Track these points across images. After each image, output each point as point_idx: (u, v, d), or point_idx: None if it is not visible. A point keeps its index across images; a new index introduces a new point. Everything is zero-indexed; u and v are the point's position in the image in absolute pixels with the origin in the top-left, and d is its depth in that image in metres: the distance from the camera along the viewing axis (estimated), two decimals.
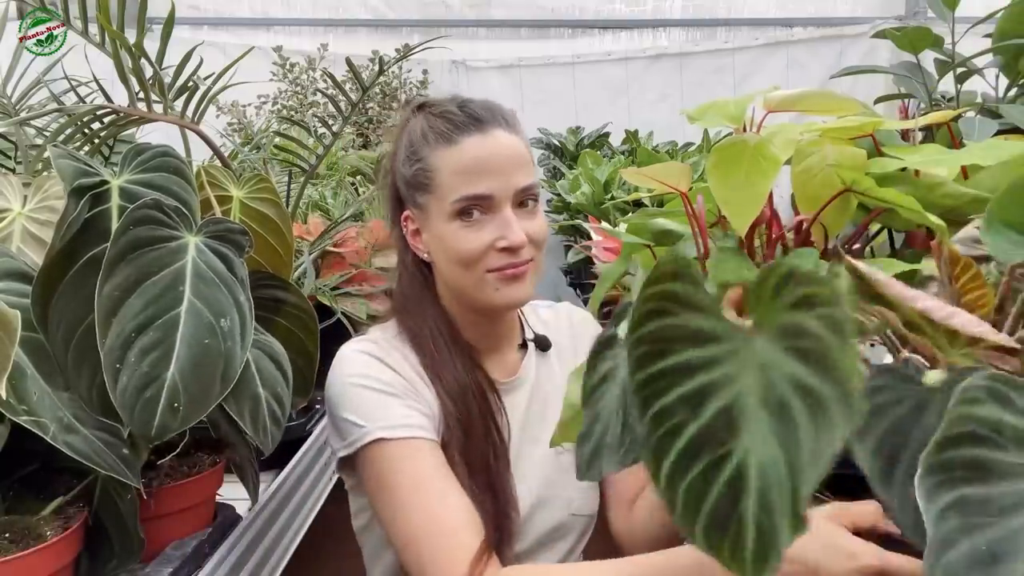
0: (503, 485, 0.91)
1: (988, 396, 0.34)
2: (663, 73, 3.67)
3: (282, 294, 0.96)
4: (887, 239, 1.13)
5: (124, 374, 0.69)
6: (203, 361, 0.72)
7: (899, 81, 1.49)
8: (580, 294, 2.44)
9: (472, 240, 0.89)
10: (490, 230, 0.90)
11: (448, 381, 0.91)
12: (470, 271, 0.91)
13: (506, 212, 0.89)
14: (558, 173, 3.01)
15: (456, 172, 0.90)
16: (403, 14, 3.60)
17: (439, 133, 0.92)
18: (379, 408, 0.88)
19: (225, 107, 2.62)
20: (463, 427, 0.90)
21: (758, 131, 1.06)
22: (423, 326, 0.95)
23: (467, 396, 0.91)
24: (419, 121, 0.95)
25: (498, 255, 0.90)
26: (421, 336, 0.95)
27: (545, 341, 1.05)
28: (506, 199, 0.90)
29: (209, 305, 0.75)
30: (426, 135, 0.93)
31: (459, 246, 0.90)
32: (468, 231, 0.90)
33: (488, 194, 0.89)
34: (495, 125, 0.92)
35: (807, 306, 0.34)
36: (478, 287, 0.91)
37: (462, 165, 0.90)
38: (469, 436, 0.90)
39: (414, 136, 0.94)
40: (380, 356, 0.92)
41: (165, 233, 0.75)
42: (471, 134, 0.90)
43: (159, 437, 0.70)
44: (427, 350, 0.93)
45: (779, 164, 0.97)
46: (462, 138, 0.90)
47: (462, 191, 0.89)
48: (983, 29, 1.43)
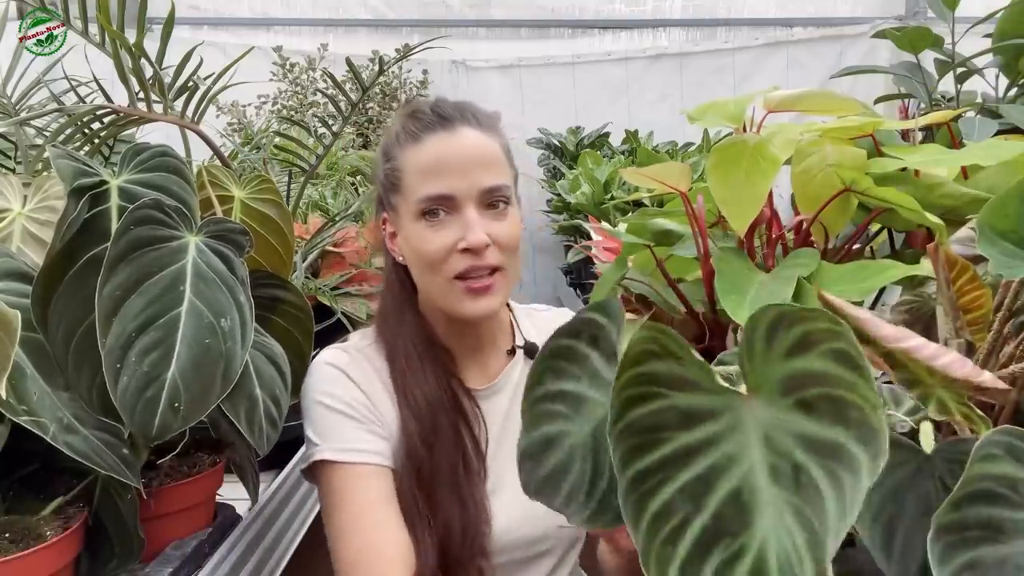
0: (474, 497, 0.89)
1: (1006, 453, 0.32)
2: (663, 73, 3.67)
3: (280, 292, 0.96)
4: (887, 239, 1.13)
5: (125, 374, 0.69)
6: (204, 361, 0.72)
7: (899, 81, 1.49)
8: (580, 294, 2.44)
9: (433, 241, 0.87)
10: (452, 231, 0.87)
11: (415, 396, 0.90)
12: (435, 275, 0.89)
13: (468, 213, 0.87)
14: (558, 173, 3.01)
15: (419, 171, 0.89)
16: (403, 14, 3.60)
17: (408, 132, 0.91)
18: (333, 429, 0.88)
19: (225, 107, 2.62)
20: (427, 442, 0.88)
21: (758, 131, 1.06)
22: (398, 337, 0.94)
23: (435, 410, 0.90)
24: (397, 121, 0.94)
25: (460, 257, 0.87)
26: (395, 348, 0.93)
27: (535, 349, 1.02)
28: (468, 199, 0.87)
29: (209, 305, 0.75)
30: (398, 135, 0.92)
31: (422, 247, 0.88)
32: (431, 232, 0.88)
33: (449, 194, 0.87)
34: (463, 124, 0.90)
35: (806, 347, 0.31)
36: (444, 294, 0.90)
37: (424, 164, 0.88)
38: (434, 449, 0.88)
39: (389, 137, 0.94)
40: (348, 371, 0.91)
41: (165, 233, 0.75)
42: (436, 132, 0.89)
43: (160, 437, 0.70)
44: (399, 364, 0.92)
45: (779, 164, 0.97)
46: (427, 136, 0.89)
47: (424, 190, 0.88)
48: (983, 29, 1.43)
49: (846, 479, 0.28)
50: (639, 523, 0.31)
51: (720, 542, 0.29)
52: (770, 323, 0.32)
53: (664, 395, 0.33)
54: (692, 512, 0.30)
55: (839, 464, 0.28)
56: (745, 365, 0.34)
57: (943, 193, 0.88)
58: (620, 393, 0.33)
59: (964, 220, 0.75)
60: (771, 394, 0.32)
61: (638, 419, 0.32)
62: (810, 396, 0.30)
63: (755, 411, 0.32)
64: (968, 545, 0.30)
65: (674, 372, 0.33)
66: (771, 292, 0.87)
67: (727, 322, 1.01)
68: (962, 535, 0.30)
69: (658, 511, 0.30)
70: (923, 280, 0.77)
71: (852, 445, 0.28)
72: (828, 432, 0.29)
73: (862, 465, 0.28)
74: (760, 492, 0.29)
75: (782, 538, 0.28)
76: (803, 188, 0.97)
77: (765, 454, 0.30)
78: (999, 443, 0.33)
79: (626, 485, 0.31)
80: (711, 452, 0.31)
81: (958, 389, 0.38)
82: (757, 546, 0.28)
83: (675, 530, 0.30)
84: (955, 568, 0.30)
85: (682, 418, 0.32)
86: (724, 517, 0.29)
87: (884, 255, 1.10)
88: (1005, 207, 0.48)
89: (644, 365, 0.33)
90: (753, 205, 0.96)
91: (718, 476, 0.30)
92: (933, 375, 0.38)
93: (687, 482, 0.31)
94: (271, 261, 1.03)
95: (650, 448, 0.32)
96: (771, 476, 0.29)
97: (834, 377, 0.29)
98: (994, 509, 0.31)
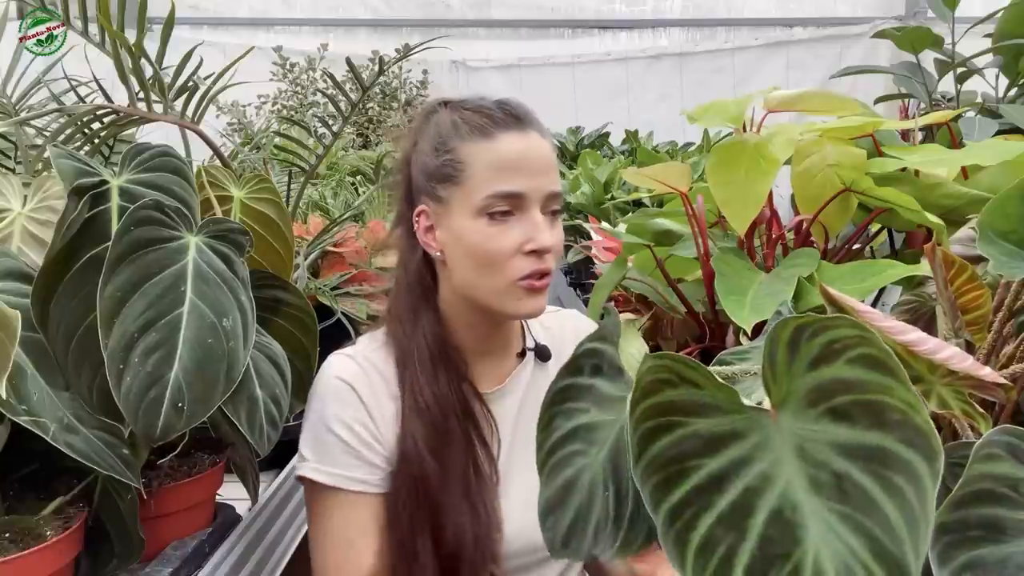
0: (485, 503, 0.88)
1: (1007, 453, 0.32)
2: (663, 73, 3.67)
3: (282, 294, 0.96)
4: (887, 239, 1.13)
5: (128, 375, 0.69)
6: (206, 361, 0.72)
7: (899, 81, 1.49)
8: (580, 294, 2.44)
9: (499, 240, 0.86)
10: (518, 232, 0.86)
11: (426, 398, 0.89)
12: (495, 274, 0.87)
13: (535, 214, 0.87)
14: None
15: (491, 167, 0.86)
16: (403, 14, 3.60)
17: (474, 126, 0.88)
18: (326, 451, 0.88)
19: (225, 107, 2.62)
20: (436, 448, 0.88)
21: (758, 131, 1.06)
22: (412, 340, 0.92)
23: (445, 413, 0.89)
24: (447, 114, 0.92)
25: (524, 259, 0.86)
26: (407, 350, 0.92)
27: (546, 351, 1.02)
28: (537, 201, 0.87)
29: (211, 305, 0.75)
30: (458, 127, 0.89)
31: (485, 244, 0.86)
32: (495, 229, 0.86)
33: (522, 192, 0.86)
34: (532, 127, 0.90)
35: (832, 356, 0.30)
36: (500, 294, 0.88)
37: (499, 160, 0.86)
38: (444, 455, 0.88)
39: (443, 128, 0.91)
40: (356, 386, 0.90)
41: (166, 234, 0.75)
42: (509, 130, 0.88)
43: (163, 438, 0.70)
44: (410, 368, 0.91)
45: (778, 164, 0.97)
46: (500, 133, 0.87)
47: (496, 187, 0.86)
48: (983, 29, 1.43)
49: (903, 485, 0.27)
50: (684, 560, 0.29)
51: (773, 566, 0.28)
52: (791, 335, 0.31)
53: (684, 423, 0.32)
54: (736, 540, 0.29)
55: (889, 469, 0.28)
56: (768, 381, 0.33)
57: (943, 193, 0.88)
58: (637, 428, 0.32)
59: (964, 220, 0.75)
60: (798, 407, 0.31)
61: (660, 451, 0.31)
62: (840, 404, 0.29)
63: (783, 426, 0.31)
64: (969, 545, 0.30)
65: (691, 398, 0.32)
66: (771, 292, 0.87)
67: (727, 322, 1.02)
68: (962, 535, 0.30)
69: (701, 544, 0.29)
70: (923, 280, 0.77)
71: (901, 449, 0.28)
72: (867, 438, 0.28)
73: (919, 469, 0.27)
74: (803, 506, 0.28)
75: (836, 547, 0.27)
76: (803, 188, 0.97)
77: (800, 467, 0.29)
78: (1000, 443, 0.32)
79: (662, 522, 0.30)
80: (744, 474, 0.30)
81: (959, 384, 0.38)
82: (812, 561, 0.27)
83: (723, 562, 0.29)
84: (955, 568, 0.30)
85: (706, 443, 0.31)
86: (770, 539, 0.28)
87: (884, 255, 1.10)
88: (1005, 207, 0.48)
89: (659, 395, 0.32)
90: (753, 205, 0.96)
91: (755, 498, 0.29)
92: (934, 370, 0.38)
93: (724, 509, 0.29)
94: (271, 262, 1.03)
95: (679, 480, 0.30)
96: (811, 488, 0.29)
97: (867, 383, 0.29)
98: (995, 509, 0.31)
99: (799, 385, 0.31)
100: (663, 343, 1.15)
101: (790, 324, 0.31)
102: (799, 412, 0.30)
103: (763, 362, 0.32)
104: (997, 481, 0.31)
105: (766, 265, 1.01)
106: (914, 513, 0.27)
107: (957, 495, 0.31)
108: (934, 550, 0.30)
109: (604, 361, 0.45)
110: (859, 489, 0.28)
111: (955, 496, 0.31)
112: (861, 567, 0.27)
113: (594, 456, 0.41)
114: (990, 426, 0.37)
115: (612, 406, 0.42)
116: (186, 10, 3.44)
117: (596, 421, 0.42)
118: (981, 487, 0.31)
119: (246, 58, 1.13)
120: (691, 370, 0.32)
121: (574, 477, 0.41)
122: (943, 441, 0.39)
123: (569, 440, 0.43)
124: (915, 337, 0.38)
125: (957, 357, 0.37)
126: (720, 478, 0.30)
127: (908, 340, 0.38)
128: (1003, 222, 0.47)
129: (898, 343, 0.38)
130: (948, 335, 0.49)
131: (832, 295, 0.43)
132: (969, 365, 0.37)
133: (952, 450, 0.37)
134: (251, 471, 0.94)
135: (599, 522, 0.39)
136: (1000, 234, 0.47)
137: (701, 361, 0.34)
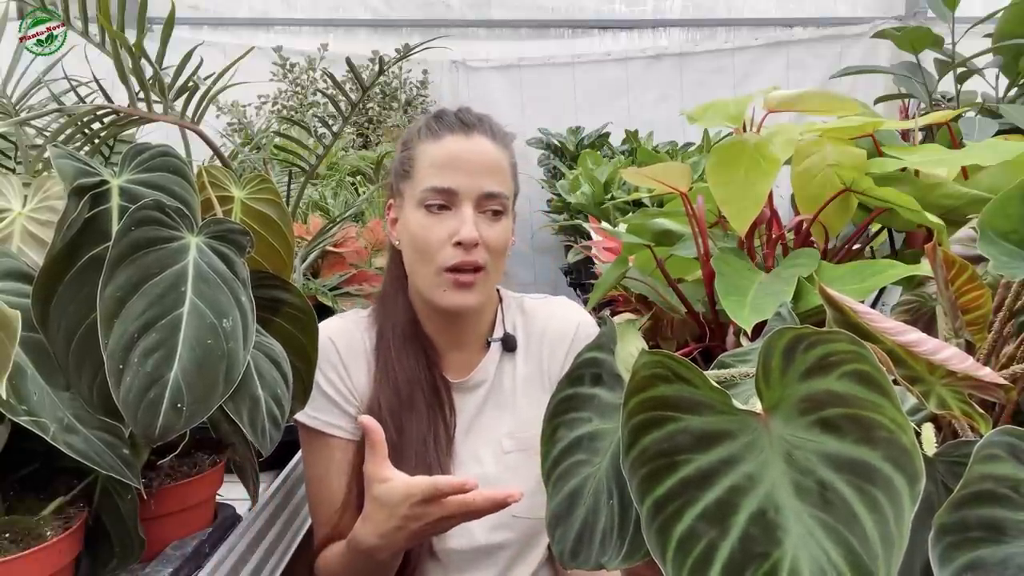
0: (440, 467, 0.97)
1: (1007, 453, 0.32)
2: (663, 73, 3.67)
3: (282, 294, 0.96)
4: (887, 239, 1.13)
5: (127, 375, 0.68)
6: (206, 362, 0.72)
7: (899, 81, 1.49)
8: (580, 294, 2.44)
9: (432, 230, 0.95)
10: (449, 225, 0.95)
11: (395, 372, 1.00)
12: (426, 263, 0.97)
13: (465, 210, 0.95)
14: (558, 173, 3.01)
15: (431, 164, 0.97)
16: (403, 14, 3.60)
17: (430, 129, 1.00)
18: (313, 397, 0.96)
19: (225, 107, 2.62)
20: (399, 414, 0.98)
21: (758, 131, 1.06)
22: (389, 317, 1.04)
23: (412, 388, 1.00)
24: (422, 119, 1.03)
25: (452, 249, 0.95)
26: (384, 329, 1.03)
27: (511, 341, 1.08)
28: (469, 198, 0.96)
29: (211, 306, 0.74)
30: (420, 130, 1.01)
31: (419, 233, 0.96)
32: (430, 221, 0.96)
33: (453, 189, 0.95)
34: (481, 132, 0.99)
35: (826, 368, 0.30)
36: (430, 283, 0.98)
37: (438, 158, 0.97)
38: (406, 421, 0.98)
39: (411, 131, 1.03)
40: (336, 342, 1.02)
41: (166, 234, 0.75)
42: (454, 133, 0.98)
43: (162, 438, 0.70)
44: (385, 341, 1.02)
45: (779, 164, 0.97)
46: (446, 135, 0.98)
47: (431, 181, 0.96)
48: (983, 29, 1.43)
49: (884, 502, 0.27)
50: (665, 552, 0.30)
51: (751, 563, 0.28)
52: (788, 344, 0.32)
53: (676, 418, 0.32)
54: (718, 536, 0.29)
55: (872, 485, 0.28)
56: (761, 386, 0.33)
57: (943, 193, 0.88)
58: (629, 420, 0.32)
59: (964, 220, 0.75)
60: (789, 413, 0.31)
61: (651, 444, 0.32)
62: (831, 416, 0.29)
63: (773, 430, 0.31)
64: (969, 546, 0.30)
65: (685, 395, 0.32)
66: (771, 292, 0.87)
67: (727, 322, 1.01)
68: (963, 535, 0.30)
69: (683, 537, 0.30)
70: (923, 280, 0.77)
71: (885, 467, 0.28)
72: (854, 451, 0.28)
73: (900, 489, 0.27)
74: (785, 509, 0.29)
75: (814, 552, 0.27)
76: (803, 188, 0.97)
77: (787, 471, 0.29)
78: (1000, 443, 0.32)
79: (647, 514, 0.30)
80: (730, 473, 0.30)
81: (959, 384, 0.38)
82: (790, 562, 0.27)
83: (703, 556, 0.29)
84: (956, 568, 0.30)
85: (697, 440, 0.31)
86: (751, 538, 0.29)
87: (884, 255, 1.10)
88: (1006, 207, 0.48)
89: (652, 390, 0.32)
90: (753, 205, 0.96)
91: (740, 496, 0.30)
92: (934, 371, 0.38)
93: (709, 505, 0.30)
94: (271, 262, 1.03)
95: (666, 473, 0.31)
96: (796, 493, 0.29)
97: (859, 398, 0.29)
98: (995, 510, 0.31)
99: (791, 393, 0.31)
100: (663, 343, 1.15)
101: (787, 334, 0.31)
102: (790, 419, 0.31)
103: (758, 367, 0.33)
104: (998, 482, 0.31)
105: (766, 265, 1.01)
106: (890, 531, 0.27)
107: (958, 496, 0.31)
108: (935, 551, 0.30)
109: (604, 370, 0.46)
110: (842, 500, 0.28)
111: (956, 497, 0.31)
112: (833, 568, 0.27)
113: (598, 464, 0.41)
114: (990, 426, 0.36)
115: (613, 415, 0.42)
116: (186, 10, 3.44)
117: (598, 430, 0.43)
118: (982, 488, 0.31)
119: (246, 58, 1.13)
120: (684, 368, 0.32)
121: (579, 487, 0.41)
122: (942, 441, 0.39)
123: (573, 450, 0.43)
124: (915, 337, 0.38)
125: (957, 357, 0.37)
126: (707, 474, 0.30)
127: (908, 340, 0.38)
128: (1003, 222, 0.47)
129: (898, 343, 0.38)
130: (948, 335, 0.49)
131: (831, 295, 0.43)
132: (969, 365, 0.37)
133: (952, 449, 0.37)
134: (251, 471, 0.94)
135: (605, 531, 0.39)
136: (1000, 234, 0.47)
137: (702, 361, 0.34)
